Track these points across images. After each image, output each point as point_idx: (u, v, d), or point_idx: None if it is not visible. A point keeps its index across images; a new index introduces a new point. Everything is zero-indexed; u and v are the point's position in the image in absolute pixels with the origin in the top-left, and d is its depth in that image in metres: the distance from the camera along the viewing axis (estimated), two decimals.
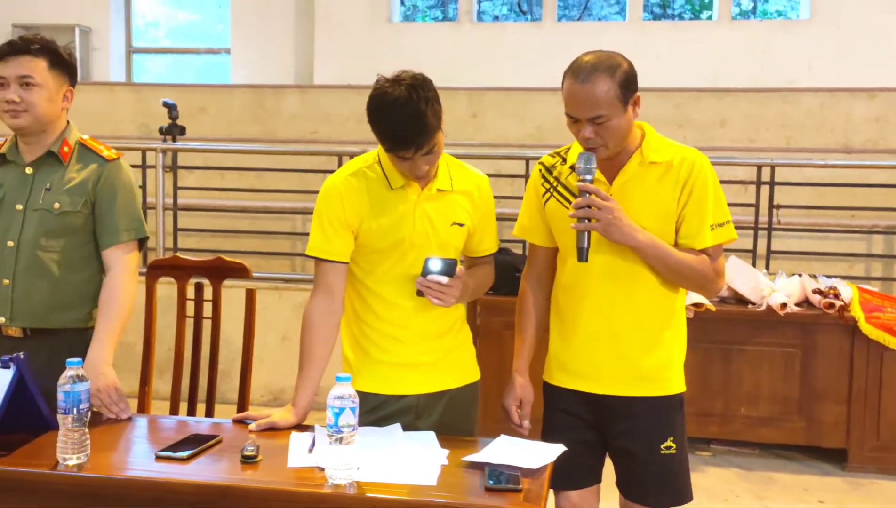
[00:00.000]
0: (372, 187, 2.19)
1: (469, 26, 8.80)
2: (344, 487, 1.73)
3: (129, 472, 1.86)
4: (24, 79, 2.34)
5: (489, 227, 2.35)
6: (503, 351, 4.35)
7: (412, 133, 2.02)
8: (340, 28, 8.37)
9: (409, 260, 2.19)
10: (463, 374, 2.33)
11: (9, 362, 1.95)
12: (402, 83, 2.04)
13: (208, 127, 7.63)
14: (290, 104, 7.70)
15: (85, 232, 2.43)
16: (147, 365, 2.77)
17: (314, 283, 2.26)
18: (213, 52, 9.91)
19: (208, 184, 6.47)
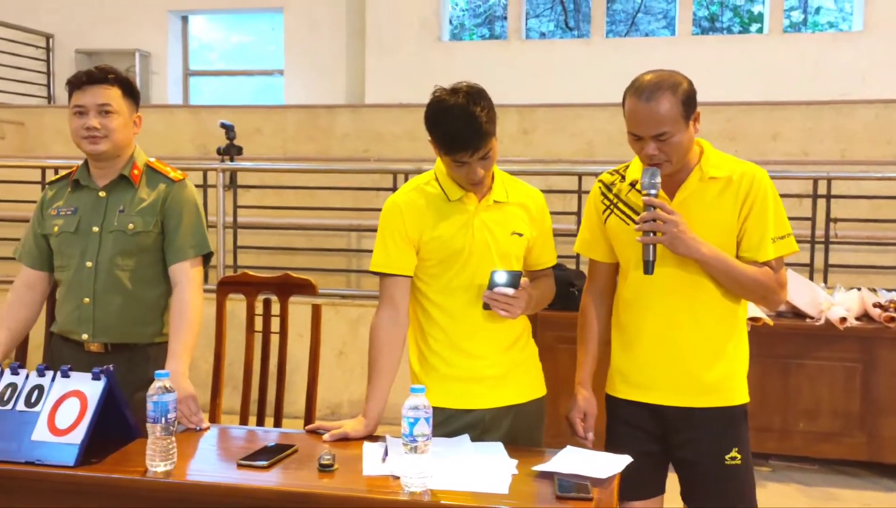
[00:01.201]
0: (431, 201, 2.27)
1: (518, 44, 8.89)
2: (420, 495, 1.79)
3: (214, 479, 1.94)
4: (102, 107, 2.46)
5: (547, 241, 2.41)
6: (558, 365, 4.37)
7: (469, 135, 2.11)
8: (391, 48, 8.51)
9: (470, 271, 2.25)
10: (530, 389, 2.37)
11: (99, 374, 2.05)
12: (458, 92, 2.14)
13: (264, 147, 7.80)
14: (342, 123, 7.84)
15: (156, 250, 2.54)
16: (217, 379, 2.86)
17: (379, 298, 2.33)
18: (266, 74, 10.13)
19: (265, 203, 6.61)
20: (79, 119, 2.47)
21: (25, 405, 2.05)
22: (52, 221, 2.54)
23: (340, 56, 9.14)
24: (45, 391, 2.06)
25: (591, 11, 8.82)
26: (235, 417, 2.89)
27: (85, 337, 2.50)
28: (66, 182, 2.60)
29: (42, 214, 2.59)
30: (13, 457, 1.98)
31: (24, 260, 2.61)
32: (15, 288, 2.61)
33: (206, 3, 9.71)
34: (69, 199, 2.55)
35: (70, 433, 1.99)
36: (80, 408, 2.02)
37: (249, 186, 6.67)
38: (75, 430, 1.99)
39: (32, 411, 2.04)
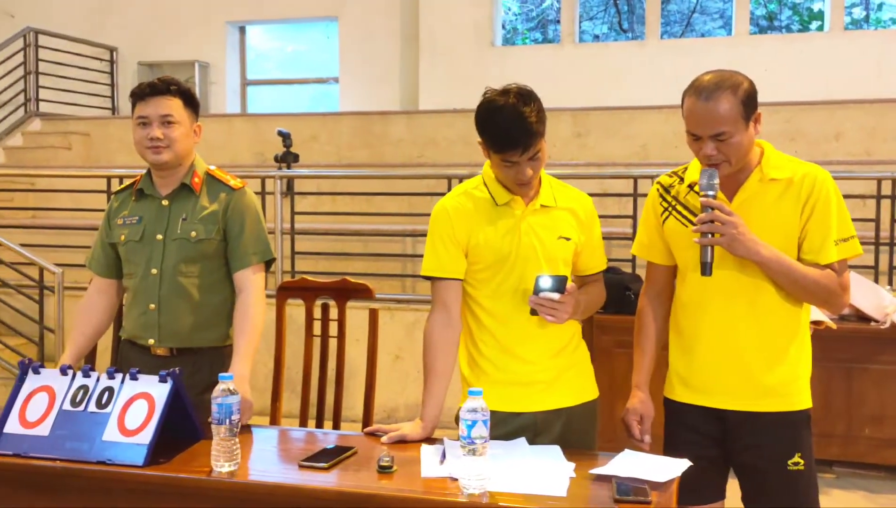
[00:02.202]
0: (478, 205, 2.30)
1: (571, 47, 8.86)
2: (478, 497, 1.80)
3: (277, 479, 1.99)
4: (165, 117, 2.53)
5: (597, 245, 2.41)
6: (615, 369, 4.36)
7: (519, 133, 2.12)
8: (444, 54, 8.56)
9: (517, 275, 2.26)
10: (581, 392, 2.36)
11: (166, 377, 2.11)
12: (509, 92, 2.17)
13: (319, 153, 7.91)
14: (397, 129, 7.91)
15: (218, 257, 2.59)
16: (277, 383, 2.92)
17: (431, 302, 2.36)
18: (321, 82, 10.27)
19: (321, 209, 6.71)
20: (142, 129, 2.54)
21: (96, 406, 2.12)
22: (119, 230, 2.62)
23: (394, 62, 9.22)
24: (115, 393, 2.13)
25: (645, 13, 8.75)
26: (295, 420, 2.94)
27: (151, 342, 2.57)
28: (130, 191, 2.67)
29: (109, 223, 2.67)
30: (85, 457, 2.05)
31: (94, 268, 2.69)
32: (87, 294, 2.70)
33: (262, 14, 9.89)
34: (134, 208, 2.62)
35: (139, 433, 2.05)
36: (148, 410, 2.08)
37: (306, 193, 6.78)
38: (144, 431, 2.05)
39: (103, 412, 2.11)
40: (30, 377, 2.20)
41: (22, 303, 6.06)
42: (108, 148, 8.62)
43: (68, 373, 2.19)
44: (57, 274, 5.62)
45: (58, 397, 2.15)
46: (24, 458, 2.07)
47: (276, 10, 9.79)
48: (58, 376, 2.19)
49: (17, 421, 2.13)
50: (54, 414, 2.13)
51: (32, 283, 5.93)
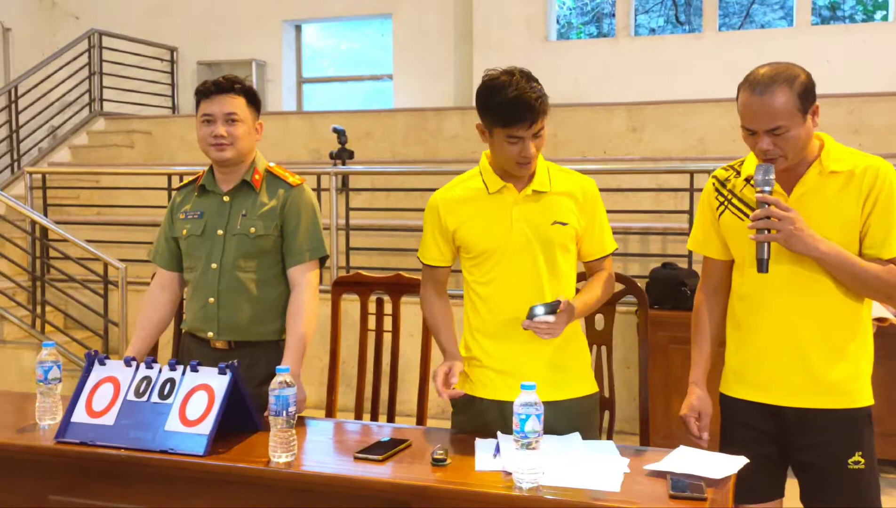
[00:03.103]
0: (470, 195, 2.33)
1: (626, 41, 8.77)
2: (532, 491, 1.81)
3: (332, 470, 2.01)
4: (229, 115, 2.57)
5: (600, 229, 2.38)
6: (669, 365, 4.33)
7: (525, 107, 2.15)
8: (498, 49, 8.54)
9: (508, 262, 2.28)
10: (577, 386, 2.33)
11: (225, 369, 2.16)
12: (513, 72, 2.20)
13: (374, 150, 7.97)
14: (451, 125, 7.93)
15: (275, 252, 2.63)
16: (333, 377, 2.96)
17: (422, 280, 2.51)
18: (376, 79, 10.34)
19: (375, 205, 6.76)
20: (206, 127, 2.59)
21: (159, 397, 2.18)
22: (181, 225, 2.68)
23: (448, 59, 9.24)
24: (177, 384, 2.19)
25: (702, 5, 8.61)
26: (350, 414, 2.98)
27: (210, 335, 2.62)
28: (193, 187, 2.73)
29: (172, 218, 2.73)
30: (148, 446, 2.11)
31: (158, 261, 2.76)
32: (150, 289, 2.77)
33: (318, 12, 9.99)
34: (196, 204, 2.68)
35: (199, 424, 2.10)
36: (208, 401, 2.13)
37: (361, 189, 6.84)
38: (204, 421, 2.10)
39: (165, 403, 2.17)
40: (96, 368, 2.27)
41: (87, 298, 6.24)
42: (168, 146, 8.81)
43: (132, 365, 2.26)
44: (120, 270, 5.77)
45: (122, 388, 2.22)
46: (91, 446, 2.14)
47: (331, 8, 9.88)
48: (122, 367, 2.26)
49: (84, 411, 2.20)
50: (119, 404, 2.20)
51: (97, 278, 6.10)
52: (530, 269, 2.28)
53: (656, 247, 5.73)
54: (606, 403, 2.63)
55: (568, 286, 2.34)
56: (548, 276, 2.29)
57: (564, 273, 2.32)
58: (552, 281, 2.29)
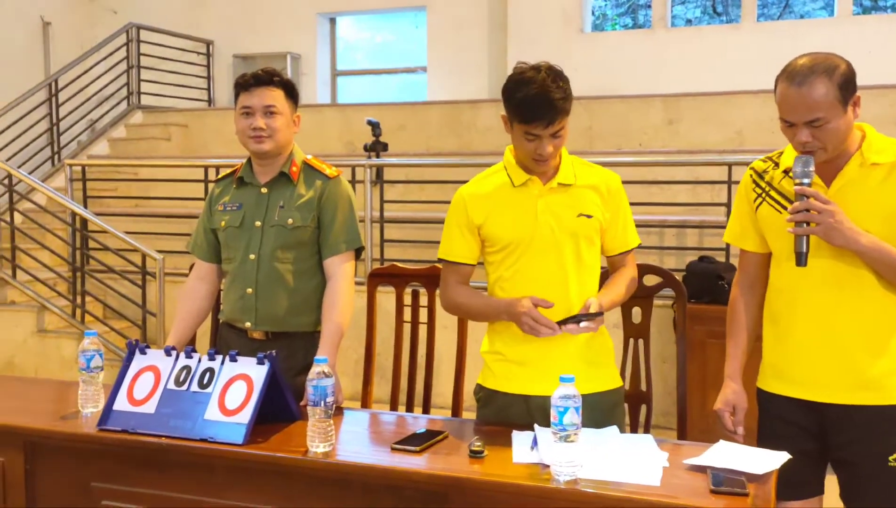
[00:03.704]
0: (495, 188, 2.33)
1: (663, 32, 8.68)
2: (570, 483, 1.80)
3: (370, 461, 2.02)
4: (268, 108, 2.59)
5: (624, 223, 2.36)
6: (706, 359, 4.28)
7: (544, 106, 2.14)
8: (533, 41, 8.50)
9: (533, 255, 2.27)
10: (600, 380, 2.31)
11: (264, 359, 2.18)
12: (540, 68, 2.19)
13: (408, 142, 7.97)
14: (485, 118, 7.90)
15: (313, 243, 2.65)
16: (368, 368, 2.97)
17: (441, 281, 2.44)
18: (409, 71, 10.34)
19: (409, 197, 6.77)
20: (246, 119, 2.60)
21: (198, 386, 2.20)
22: (220, 216, 2.70)
23: (482, 51, 9.21)
24: (216, 374, 2.21)
25: None
26: (385, 406, 2.99)
27: (248, 325, 2.64)
28: (231, 179, 2.75)
29: (210, 210, 2.75)
30: (188, 434, 2.13)
31: (196, 253, 2.79)
32: (189, 280, 2.80)
33: (352, 5, 10.02)
34: (234, 196, 2.70)
35: (238, 413, 2.13)
36: (247, 391, 2.15)
37: (395, 181, 6.85)
38: (243, 411, 2.12)
39: (205, 392, 2.19)
40: (137, 357, 2.30)
41: (126, 288, 6.33)
42: (204, 139, 8.89)
43: (172, 354, 2.28)
44: (158, 261, 5.84)
45: (163, 376, 2.25)
46: (132, 434, 2.17)
47: (365, 1, 9.90)
48: (162, 356, 2.28)
49: (126, 399, 2.24)
50: (159, 393, 2.22)
51: (136, 269, 6.19)
52: (555, 262, 2.27)
53: (693, 241, 5.68)
54: (643, 397, 2.61)
55: (592, 279, 2.33)
56: (573, 269, 2.28)
57: (589, 266, 2.31)
58: (577, 273, 2.28)
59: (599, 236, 2.32)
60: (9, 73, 8.93)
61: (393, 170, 6.86)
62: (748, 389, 2.29)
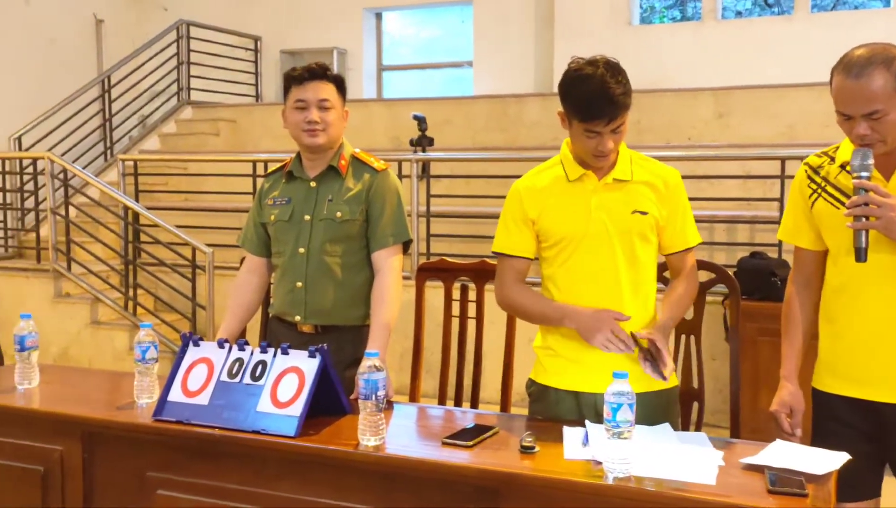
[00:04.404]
0: (550, 182, 2.31)
1: (713, 24, 8.54)
2: (624, 481, 1.78)
3: (421, 455, 2.02)
4: (322, 102, 2.60)
5: (682, 220, 2.31)
6: (759, 358, 4.21)
7: (605, 103, 2.11)
8: (580, 34, 8.42)
9: (585, 251, 2.25)
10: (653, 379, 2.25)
11: (315, 352, 2.19)
12: (597, 63, 2.15)
13: (454, 137, 7.96)
14: (531, 112, 7.86)
15: (361, 237, 2.66)
16: (417, 362, 2.97)
17: (497, 275, 2.41)
18: (455, 66, 10.33)
19: (455, 192, 6.76)
20: (299, 113, 2.61)
21: (251, 378, 2.22)
22: (269, 211, 2.72)
23: (529, 45, 9.16)
24: (268, 366, 2.23)
25: None
26: (432, 400, 2.99)
27: (298, 319, 2.66)
28: (280, 173, 2.78)
29: (260, 204, 2.78)
30: (241, 426, 2.15)
31: (247, 247, 2.82)
32: (239, 274, 2.83)
33: (398, 0, 10.04)
34: (284, 190, 2.72)
35: (290, 406, 2.14)
36: (299, 383, 2.17)
37: (441, 176, 6.85)
38: (294, 403, 2.14)
39: (257, 384, 2.21)
40: (190, 349, 2.33)
41: (176, 281, 6.43)
42: (252, 134, 8.99)
43: (225, 347, 2.31)
44: (208, 254, 5.92)
45: (216, 369, 2.27)
46: (186, 425, 2.20)
47: None
48: (216, 349, 2.31)
49: (180, 390, 2.27)
50: (213, 385, 2.25)
51: (186, 262, 6.28)
52: (607, 258, 2.24)
53: (744, 236, 5.59)
54: (695, 394, 2.58)
55: (646, 277, 2.30)
56: (625, 266, 2.25)
57: (643, 263, 2.28)
58: (629, 271, 2.25)
59: (655, 233, 2.29)
60: (63, 71, 9.12)
61: (439, 165, 6.86)
62: (803, 389, 2.25)
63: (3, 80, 8.65)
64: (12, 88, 8.66)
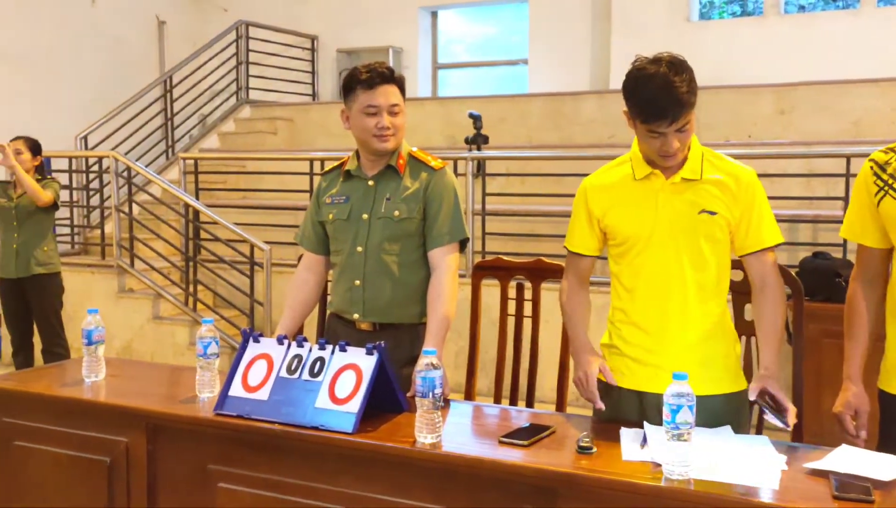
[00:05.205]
0: (618, 180, 2.28)
1: (775, 19, 8.37)
2: (684, 483, 1.76)
3: (478, 453, 2.02)
4: (393, 107, 2.60)
5: (757, 220, 2.22)
6: (822, 359, 4.12)
7: (668, 103, 2.07)
8: (637, 31, 8.33)
9: (652, 251, 2.21)
10: (722, 381, 2.23)
11: (373, 350, 2.21)
12: (661, 61, 2.11)
13: (509, 135, 7.95)
14: (587, 109, 7.80)
15: (419, 235, 2.66)
16: (472, 361, 2.97)
17: (565, 268, 2.46)
18: (511, 64, 10.30)
19: (510, 190, 6.75)
20: (370, 118, 2.59)
21: (309, 374, 2.25)
22: (327, 209, 2.74)
23: (585, 42, 9.09)
24: (326, 363, 2.25)
25: None
26: (487, 399, 2.98)
27: (356, 317, 2.68)
28: (338, 172, 2.79)
29: (318, 202, 2.80)
30: (300, 421, 2.18)
31: (305, 245, 2.85)
32: (297, 272, 2.86)
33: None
34: (342, 189, 2.74)
35: (348, 402, 2.16)
36: (356, 380, 2.19)
37: (496, 174, 6.84)
38: (352, 400, 2.16)
39: (315, 380, 2.24)
40: (251, 345, 2.37)
41: (235, 278, 6.54)
42: (309, 132, 9.09)
43: (284, 343, 2.34)
44: (266, 252, 6.01)
45: (275, 364, 2.30)
46: (247, 419, 2.23)
47: None
48: (275, 345, 2.34)
49: (240, 385, 2.31)
50: (272, 381, 2.28)
51: (244, 259, 6.38)
52: (672, 259, 2.21)
53: (806, 236, 5.46)
54: None
55: (715, 279, 2.24)
56: (690, 267, 2.20)
57: (711, 264, 2.22)
58: (696, 272, 2.21)
59: (726, 234, 2.23)
60: (127, 71, 9.35)
61: (494, 163, 6.85)
62: (869, 391, 2.19)
63: (70, 81, 8.90)
64: (79, 89, 8.91)
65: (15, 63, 8.49)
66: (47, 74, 8.73)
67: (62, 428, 2.50)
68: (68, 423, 2.49)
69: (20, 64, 8.54)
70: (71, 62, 8.96)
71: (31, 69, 8.61)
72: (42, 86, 8.67)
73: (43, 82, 8.69)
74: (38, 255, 5.15)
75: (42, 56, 8.71)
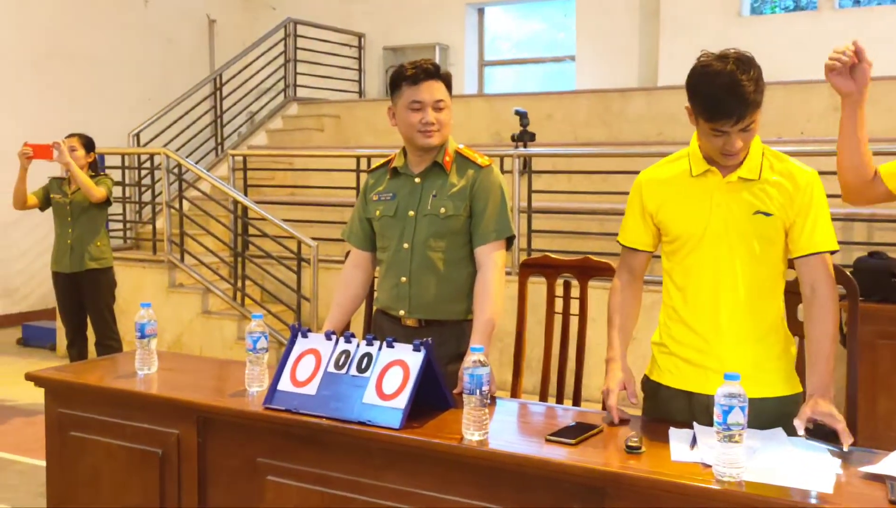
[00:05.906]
0: (674, 177, 2.23)
1: (829, 13, 8.20)
2: (734, 485, 1.73)
3: (525, 451, 2.01)
4: (438, 103, 2.60)
5: (812, 224, 2.15)
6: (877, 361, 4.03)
7: (733, 102, 2.01)
8: (687, 27, 8.23)
9: (705, 250, 2.17)
10: (775, 384, 2.18)
11: (420, 346, 2.21)
12: (727, 58, 2.05)
13: (555, 132, 7.91)
14: (635, 106, 7.72)
15: (465, 232, 2.66)
16: (519, 359, 2.96)
17: (618, 264, 2.42)
18: (557, 60, 10.24)
19: (557, 187, 6.71)
20: (415, 114, 2.60)
21: (357, 370, 2.26)
22: (374, 206, 2.76)
23: (633, 38, 9.00)
24: (373, 359, 2.26)
25: None
26: (533, 397, 2.97)
27: (402, 313, 2.69)
28: (385, 169, 2.80)
29: (365, 199, 2.81)
30: (347, 416, 2.19)
31: (352, 241, 2.87)
32: (345, 268, 2.88)
33: None
34: (389, 186, 2.75)
35: (395, 398, 2.17)
36: (403, 376, 2.19)
37: (542, 171, 6.81)
38: (399, 396, 2.16)
39: (363, 376, 2.25)
40: (299, 340, 2.39)
41: (282, 274, 6.61)
42: (355, 129, 9.15)
43: (332, 339, 2.36)
44: (313, 248, 6.06)
45: (323, 360, 2.32)
46: (295, 414, 2.26)
47: None
48: (323, 340, 2.36)
49: (289, 380, 2.33)
50: (320, 376, 2.30)
51: (291, 255, 6.45)
52: (725, 259, 2.16)
53: (861, 235, 5.34)
54: None
55: (768, 280, 2.20)
56: (742, 268, 2.16)
57: (765, 265, 2.18)
58: (748, 274, 2.16)
59: (781, 235, 2.17)
60: (178, 69, 9.51)
61: (540, 160, 6.82)
62: None
63: (124, 79, 9.09)
64: (131, 87, 9.09)
65: (71, 62, 8.70)
66: (101, 73, 8.92)
67: (116, 420, 2.55)
68: (122, 415, 2.54)
69: (76, 63, 8.74)
70: (124, 61, 9.14)
71: (87, 68, 8.81)
72: (96, 85, 8.86)
73: (97, 81, 8.88)
74: (91, 250, 5.26)
75: (97, 55, 8.90)
